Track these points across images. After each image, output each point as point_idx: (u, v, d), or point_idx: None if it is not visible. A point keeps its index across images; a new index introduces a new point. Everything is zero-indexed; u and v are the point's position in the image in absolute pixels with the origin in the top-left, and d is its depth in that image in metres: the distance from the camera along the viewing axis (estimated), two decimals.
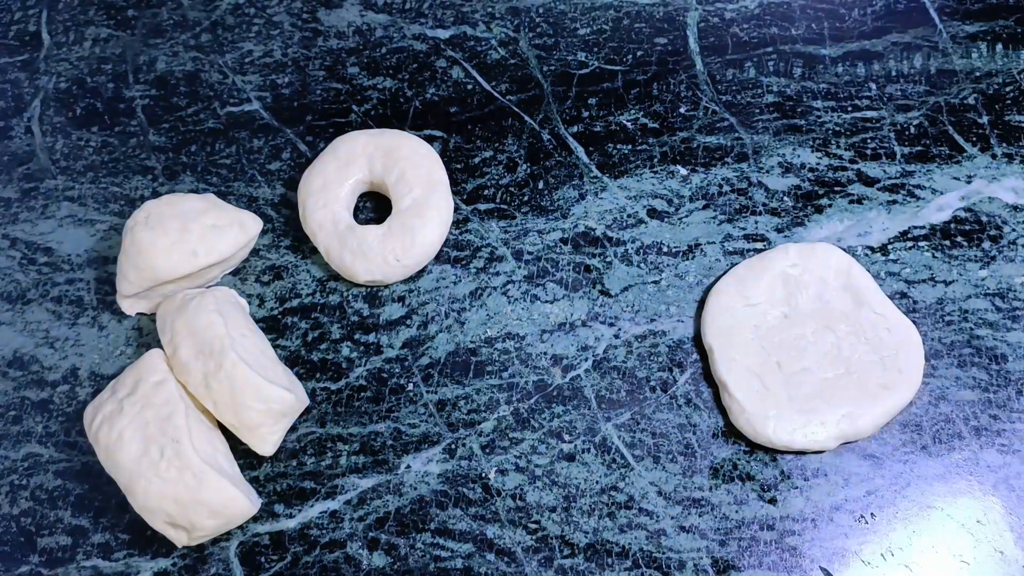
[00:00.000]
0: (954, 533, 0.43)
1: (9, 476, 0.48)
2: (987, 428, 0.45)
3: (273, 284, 0.52)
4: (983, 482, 0.44)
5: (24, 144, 0.57)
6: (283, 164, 0.55)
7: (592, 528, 0.45)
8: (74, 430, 0.49)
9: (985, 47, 0.55)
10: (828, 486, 0.45)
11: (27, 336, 0.52)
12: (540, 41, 0.58)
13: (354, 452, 0.47)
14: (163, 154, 0.56)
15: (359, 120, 0.56)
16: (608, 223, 0.52)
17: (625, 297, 0.50)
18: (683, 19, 0.58)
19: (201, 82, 0.58)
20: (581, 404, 0.47)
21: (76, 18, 0.61)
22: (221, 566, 0.45)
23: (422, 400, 0.48)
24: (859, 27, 0.56)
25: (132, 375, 0.45)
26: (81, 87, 0.59)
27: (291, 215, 0.53)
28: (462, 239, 0.52)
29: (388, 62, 0.58)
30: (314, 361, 0.50)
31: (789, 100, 0.54)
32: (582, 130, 0.55)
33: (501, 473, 0.46)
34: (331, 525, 0.46)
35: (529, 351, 0.49)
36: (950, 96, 0.54)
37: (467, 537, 0.45)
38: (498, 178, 0.54)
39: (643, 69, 0.56)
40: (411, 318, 0.50)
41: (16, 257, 0.54)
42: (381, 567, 0.45)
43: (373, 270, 0.50)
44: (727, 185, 0.52)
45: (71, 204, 0.55)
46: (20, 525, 0.47)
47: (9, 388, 0.50)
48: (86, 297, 0.52)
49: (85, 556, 0.46)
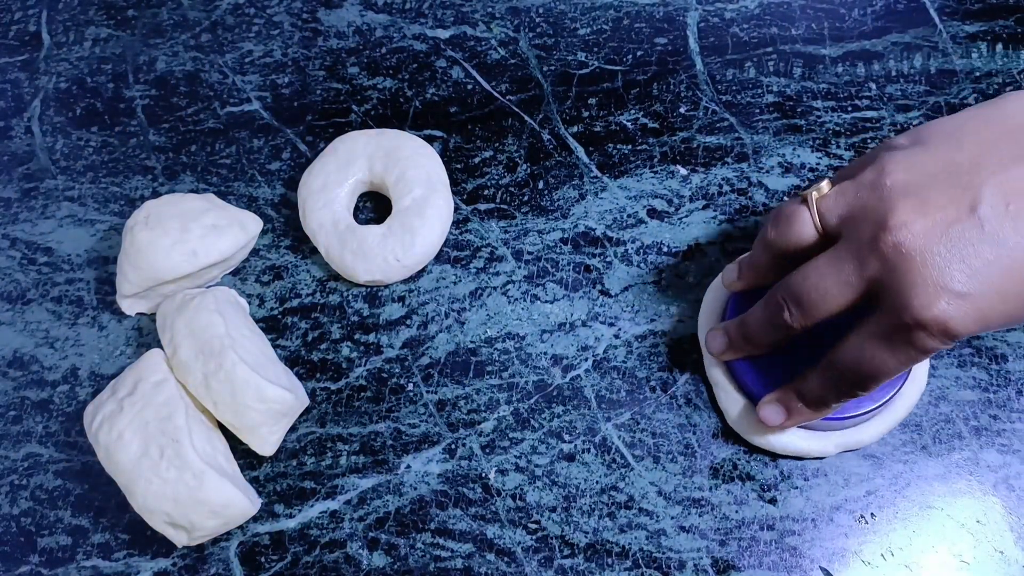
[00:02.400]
0: (954, 533, 0.43)
1: (9, 476, 0.48)
2: (987, 428, 0.45)
3: (273, 284, 0.52)
4: (983, 482, 0.44)
5: (24, 144, 0.57)
6: (283, 164, 0.55)
7: (592, 528, 0.45)
8: (74, 430, 0.49)
9: (985, 47, 0.55)
10: (828, 486, 0.45)
11: (27, 336, 0.52)
12: (540, 41, 0.58)
13: (354, 452, 0.47)
14: (163, 154, 0.56)
15: (359, 120, 0.56)
16: (608, 223, 0.52)
17: (625, 297, 0.50)
18: (683, 19, 0.58)
19: (201, 82, 0.58)
20: (581, 404, 0.47)
21: (76, 18, 0.61)
22: (221, 566, 0.45)
23: (422, 400, 0.48)
24: (859, 27, 0.56)
25: (132, 375, 0.45)
26: (81, 87, 0.59)
27: (291, 215, 0.53)
28: (462, 239, 0.52)
29: (388, 62, 0.58)
30: (314, 361, 0.50)
31: (789, 100, 0.54)
32: (582, 130, 0.55)
33: (501, 473, 0.46)
34: (331, 525, 0.46)
35: (529, 351, 0.49)
36: (950, 96, 0.54)
37: (467, 537, 0.45)
38: (498, 178, 0.54)
39: (643, 69, 0.56)
40: (411, 318, 0.50)
41: (16, 257, 0.54)
42: (381, 567, 0.45)
43: (373, 270, 0.50)
44: (727, 185, 0.52)
45: (71, 204, 0.55)
46: (20, 525, 0.47)
47: (9, 388, 0.50)
48: (86, 297, 0.52)
49: (85, 556, 0.46)
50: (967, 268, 0.35)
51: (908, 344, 0.36)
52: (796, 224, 0.40)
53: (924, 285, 0.35)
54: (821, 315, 0.39)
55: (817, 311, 0.39)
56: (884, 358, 0.37)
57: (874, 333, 0.37)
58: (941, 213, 0.35)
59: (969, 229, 0.35)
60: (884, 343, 0.37)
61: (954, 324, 0.35)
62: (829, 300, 0.38)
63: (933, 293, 0.35)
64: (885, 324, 0.36)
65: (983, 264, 0.35)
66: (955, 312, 0.35)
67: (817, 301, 0.38)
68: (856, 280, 0.37)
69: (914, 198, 0.36)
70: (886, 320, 0.36)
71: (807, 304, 0.39)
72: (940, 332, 0.35)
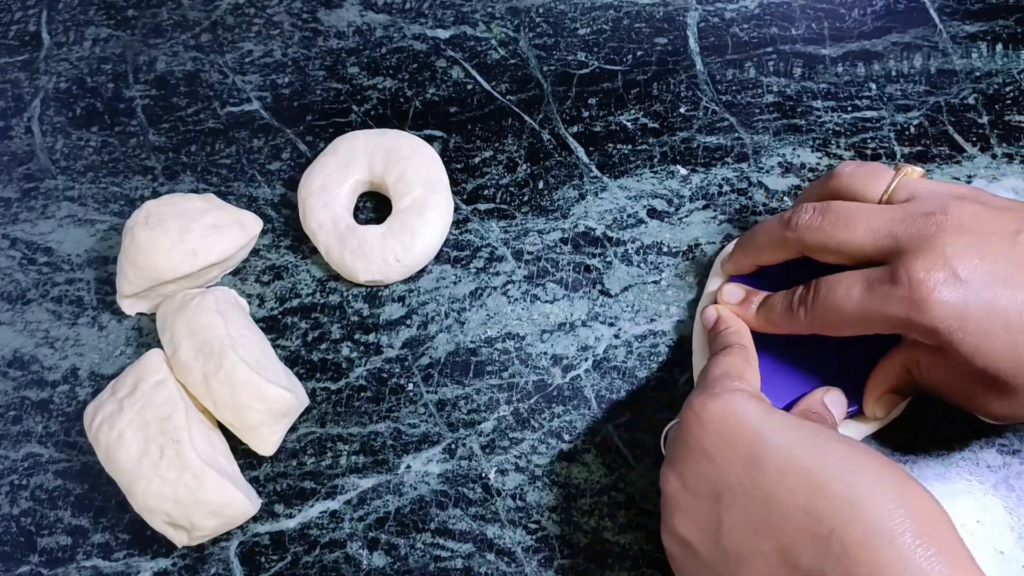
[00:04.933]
0: None
1: (9, 476, 0.48)
2: (987, 428, 0.45)
3: (273, 284, 0.52)
4: (983, 482, 0.44)
5: (24, 144, 0.57)
6: (283, 164, 0.55)
7: (592, 528, 0.45)
8: (74, 430, 0.49)
9: (985, 47, 0.55)
10: None
11: (27, 336, 0.52)
12: (540, 41, 0.58)
13: (354, 452, 0.47)
14: (163, 154, 0.56)
15: (359, 120, 0.56)
16: (608, 223, 0.52)
17: (625, 297, 0.50)
18: (683, 19, 0.58)
19: (201, 82, 0.58)
20: (581, 404, 0.47)
21: (76, 18, 0.61)
22: (221, 566, 0.45)
23: (422, 400, 0.48)
24: (859, 27, 0.56)
25: (132, 375, 0.45)
26: (81, 87, 0.59)
27: (291, 215, 0.53)
28: (462, 239, 0.52)
29: (388, 62, 0.58)
30: (314, 361, 0.50)
31: (789, 100, 0.54)
32: (582, 130, 0.55)
33: (501, 473, 0.46)
34: (331, 525, 0.46)
35: (529, 351, 0.49)
36: (950, 96, 0.54)
37: (467, 537, 0.45)
38: (498, 178, 0.54)
39: (643, 69, 0.56)
40: (411, 318, 0.50)
41: (16, 257, 0.54)
42: (381, 567, 0.45)
43: (373, 270, 0.50)
44: (727, 185, 0.52)
45: (71, 204, 0.55)
46: (20, 525, 0.47)
47: (9, 388, 0.50)
48: (86, 297, 0.52)
49: (85, 556, 0.46)
50: (981, 264, 0.35)
51: (883, 295, 0.37)
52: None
53: (935, 254, 0.36)
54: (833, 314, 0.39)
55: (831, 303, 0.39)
56: (852, 294, 0.38)
57: (864, 274, 0.38)
58: (987, 226, 0.37)
59: (1002, 242, 0.36)
60: (864, 283, 0.37)
61: (935, 297, 0.35)
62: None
63: (938, 262, 0.35)
64: (879, 272, 0.37)
65: (997, 270, 0.35)
66: (944, 288, 0.35)
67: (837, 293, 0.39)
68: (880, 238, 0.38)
69: (967, 235, 0.37)
70: (882, 270, 0.37)
71: (824, 293, 0.39)
72: (917, 298, 0.35)
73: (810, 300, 0.40)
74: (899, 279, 0.36)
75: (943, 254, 0.36)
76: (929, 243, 0.36)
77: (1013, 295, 0.35)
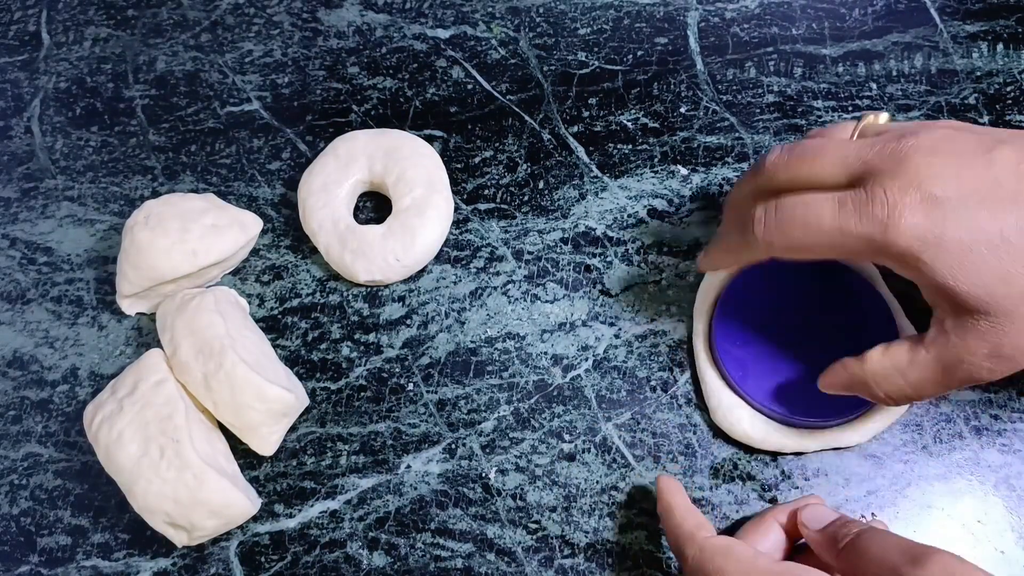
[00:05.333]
0: (955, 533, 0.43)
1: (9, 476, 0.48)
2: (988, 428, 0.45)
3: (273, 284, 0.52)
4: (984, 482, 0.44)
5: (24, 144, 0.57)
6: (283, 164, 0.55)
7: (592, 528, 0.45)
8: (74, 430, 0.49)
9: (986, 47, 0.55)
10: (828, 486, 0.45)
11: (27, 336, 0.52)
12: (540, 41, 0.58)
13: (354, 452, 0.47)
14: (163, 154, 0.56)
15: (359, 120, 0.56)
16: (608, 223, 0.52)
17: (625, 297, 0.50)
18: (683, 19, 0.58)
19: (201, 82, 0.58)
20: (581, 404, 0.47)
21: (76, 18, 0.61)
22: (221, 566, 0.45)
23: (422, 400, 0.48)
24: (860, 27, 0.56)
25: (132, 375, 0.45)
26: (81, 87, 0.59)
27: (291, 215, 0.53)
28: (462, 239, 0.52)
29: (388, 62, 0.58)
30: (314, 361, 0.50)
31: (790, 100, 0.54)
32: (582, 130, 0.55)
33: (501, 473, 0.46)
34: (331, 525, 0.46)
35: (529, 351, 0.49)
36: (951, 96, 0.54)
37: (467, 537, 0.45)
38: (498, 178, 0.54)
39: (643, 69, 0.56)
40: (411, 318, 0.50)
41: (16, 257, 0.54)
42: (381, 567, 0.45)
43: (373, 270, 0.50)
44: (728, 185, 0.52)
45: (71, 204, 0.55)
46: (20, 525, 0.47)
47: (9, 388, 0.50)
48: (86, 297, 0.52)
49: (85, 556, 0.46)
50: (956, 183, 0.34)
51: (856, 213, 0.35)
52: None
53: (909, 175, 0.35)
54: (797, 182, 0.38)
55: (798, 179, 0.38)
56: (823, 212, 0.36)
57: (835, 194, 0.36)
58: (960, 147, 0.36)
59: (977, 160, 0.35)
60: (835, 201, 0.36)
61: (908, 217, 0.34)
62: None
63: (914, 182, 0.35)
64: (852, 192, 0.36)
65: (972, 191, 0.34)
66: (918, 208, 0.34)
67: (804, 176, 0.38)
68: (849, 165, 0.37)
69: (942, 156, 0.35)
70: (855, 191, 0.36)
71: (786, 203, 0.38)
72: (893, 216, 0.34)
73: (773, 215, 0.38)
74: (874, 196, 0.35)
75: (917, 174, 0.34)
76: (903, 164, 0.35)
77: (994, 215, 0.34)
